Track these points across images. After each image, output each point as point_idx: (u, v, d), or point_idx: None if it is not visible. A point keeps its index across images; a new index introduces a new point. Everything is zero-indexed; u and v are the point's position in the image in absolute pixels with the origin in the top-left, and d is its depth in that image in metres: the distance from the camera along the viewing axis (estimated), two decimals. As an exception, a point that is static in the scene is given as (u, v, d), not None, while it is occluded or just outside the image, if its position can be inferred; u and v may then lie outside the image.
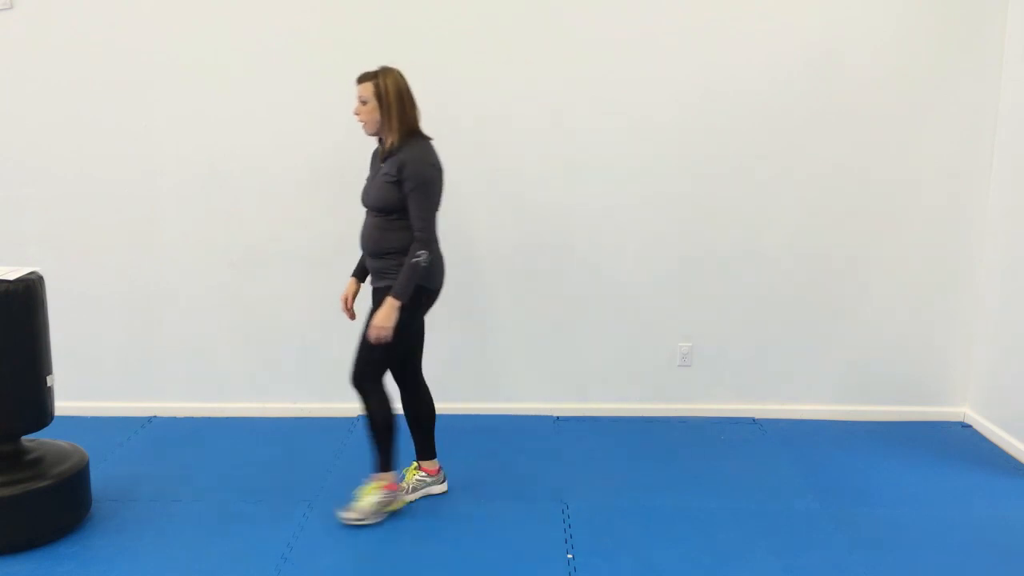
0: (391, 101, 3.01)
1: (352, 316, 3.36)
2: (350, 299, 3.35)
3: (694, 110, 3.96)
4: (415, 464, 3.42)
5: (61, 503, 3.03)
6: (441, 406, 4.07)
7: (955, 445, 3.92)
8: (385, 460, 3.21)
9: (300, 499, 3.34)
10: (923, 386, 4.19)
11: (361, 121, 3.09)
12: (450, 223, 4.05)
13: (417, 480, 3.39)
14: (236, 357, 4.21)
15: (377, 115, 3.04)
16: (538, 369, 4.21)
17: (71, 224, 4.11)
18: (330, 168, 4.00)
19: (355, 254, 3.92)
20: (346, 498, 3.37)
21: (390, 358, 3.18)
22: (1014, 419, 3.83)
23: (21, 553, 2.94)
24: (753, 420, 4.19)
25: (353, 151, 4.00)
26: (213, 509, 3.25)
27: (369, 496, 3.20)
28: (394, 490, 3.24)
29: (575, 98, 3.95)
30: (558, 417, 4.22)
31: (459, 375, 4.20)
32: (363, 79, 3.05)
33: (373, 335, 3.03)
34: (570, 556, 2.95)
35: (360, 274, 3.36)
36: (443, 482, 3.45)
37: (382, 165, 3.10)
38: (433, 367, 4.19)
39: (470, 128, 3.99)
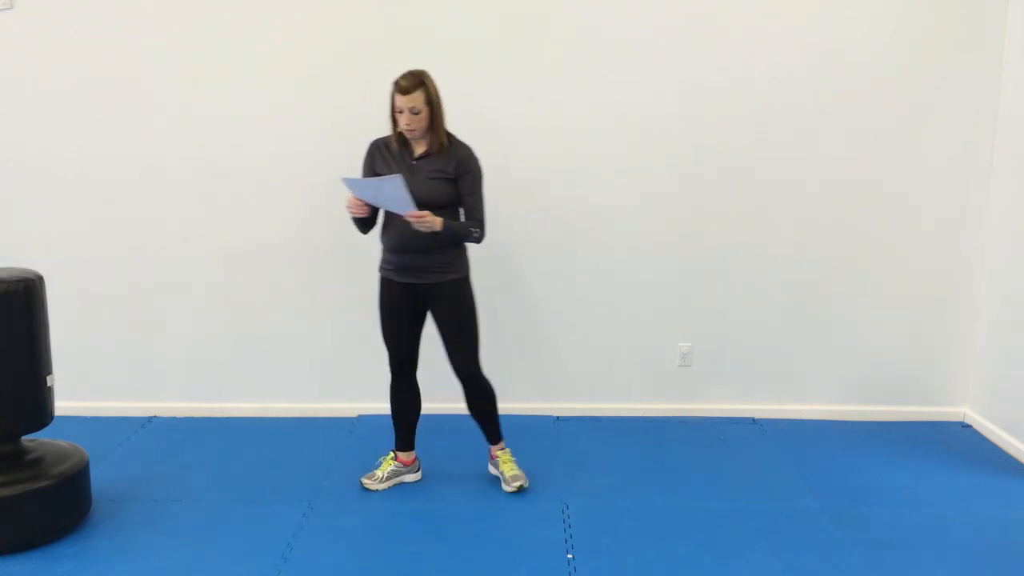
0: (438, 104, 3.08)
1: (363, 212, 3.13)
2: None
3: (695, 111, 3.95)
4: (391, 454, 3.52)
5: (61, 503, 3.02)
6: (442, 406, 4.07)
7: (955, 445, 3.92)
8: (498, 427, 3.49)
9: (300, 499, 3.34)
10: (923, 386, 4.19)
11: (413, 129, 3.07)
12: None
13: (392, 469, 3.49)
14: (236, 357, 4.21)
15: (428, 122, 3.07)
16: (538, 369, 4.21)
17: (71, 224, 4.11)
18: (329, 168, 3.99)
19: (356, 253, 3.93)
20: (345, 497, 3.37)
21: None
22: (1014, 419, 3.83)
23: (21, 553, 2.94)
24: (753, 420, 4.19)
25: (351, 152, 4.02)
26: (213, 509, 3.25)
27: (510, 463, 3.46)
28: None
29: (575, 98, 3.95)
30: (558, 417, 4.22)
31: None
32: (412, 88, 3.00)
33: (417, 219, 2.97)
34: (570, 556, 2.95)
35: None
36: (417, 471, 3.55)
37: (416, 163, 3.14)
38: (434, 367, 4.21)
39: (467, 129, 3.97)
